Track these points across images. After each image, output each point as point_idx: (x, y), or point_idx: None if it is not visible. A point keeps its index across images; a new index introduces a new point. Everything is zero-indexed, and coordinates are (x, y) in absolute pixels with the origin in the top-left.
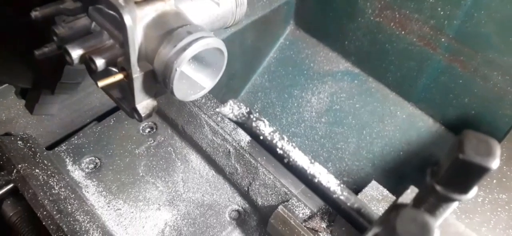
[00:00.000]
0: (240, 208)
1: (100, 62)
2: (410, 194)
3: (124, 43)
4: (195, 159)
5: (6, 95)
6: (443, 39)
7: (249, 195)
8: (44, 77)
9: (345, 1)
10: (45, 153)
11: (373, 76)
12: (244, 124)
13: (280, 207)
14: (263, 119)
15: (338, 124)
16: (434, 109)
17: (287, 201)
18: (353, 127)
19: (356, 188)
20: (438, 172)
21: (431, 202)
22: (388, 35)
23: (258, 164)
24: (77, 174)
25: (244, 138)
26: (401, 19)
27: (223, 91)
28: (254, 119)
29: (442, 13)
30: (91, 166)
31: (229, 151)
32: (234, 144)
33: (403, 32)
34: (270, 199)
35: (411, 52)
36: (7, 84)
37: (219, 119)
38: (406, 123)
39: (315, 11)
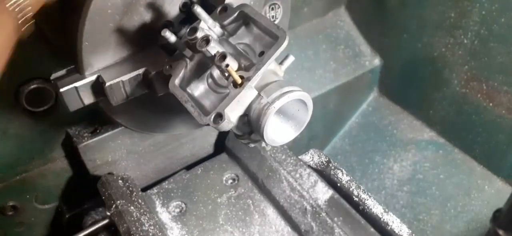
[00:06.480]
0: None
1: None
2: None
3: None
4: (272, 213)
5: (115, 139)
6: None
7: None
8: None
9: (431, 71)
10: (140, 193)
11: (459, 147)
12: (323, 172)
13: None
14: (341, 168)
15: (420, 195)
16: None
17: None
18: (437, 199)
19: None
20: (500, 217)
21: None
22: (475, 107)
23: (334, 224)
24: (164, 216)
25: (321, 196)
26: (489, 91)
27: (303, 151)
28: (333, 167)
29: None
30: (177, 210)
31: (306, 209)
32: (311, 201)
33: (491, 104)
34: None
35: (499, 124)
36: (118, 129)
37: (297, 176)
38: (494, 199)
39: (400, 79)
